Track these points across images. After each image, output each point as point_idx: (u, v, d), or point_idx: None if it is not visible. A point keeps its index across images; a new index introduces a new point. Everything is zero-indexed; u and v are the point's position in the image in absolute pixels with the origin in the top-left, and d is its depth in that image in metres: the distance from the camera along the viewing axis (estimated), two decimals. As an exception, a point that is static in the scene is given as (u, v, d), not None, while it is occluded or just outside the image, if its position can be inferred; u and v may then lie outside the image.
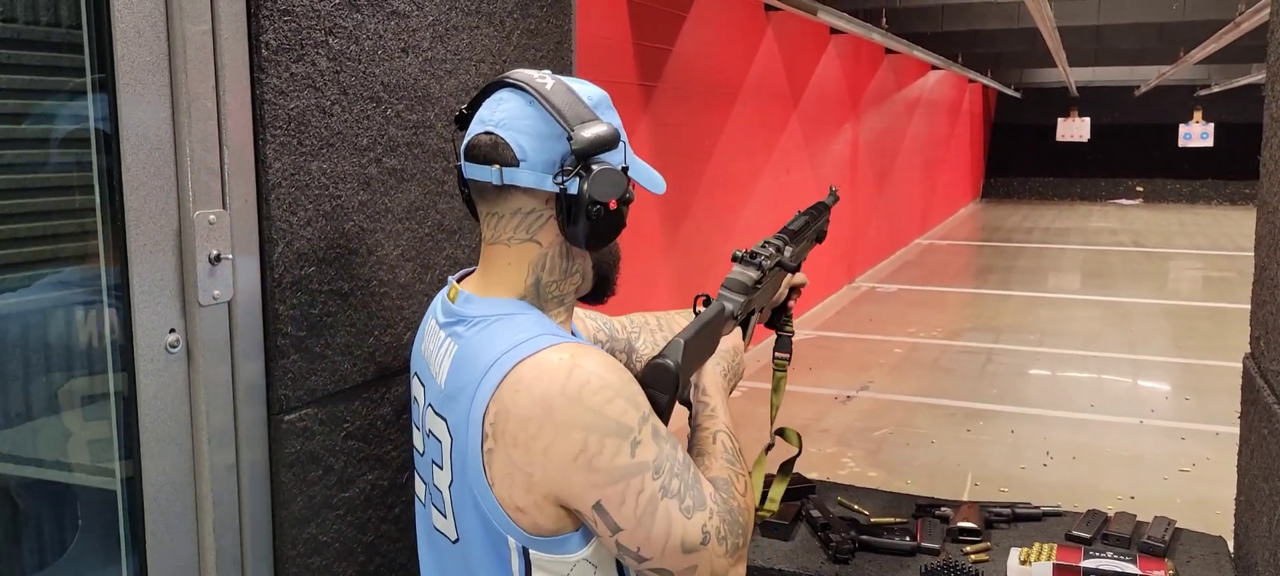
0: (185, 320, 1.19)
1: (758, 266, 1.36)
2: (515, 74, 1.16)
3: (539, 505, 1.06)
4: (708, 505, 1.09)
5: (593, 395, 1.04)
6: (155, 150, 1.14)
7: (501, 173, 1.12)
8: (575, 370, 1.05)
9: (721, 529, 1.09)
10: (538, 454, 1.04)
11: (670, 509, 1.05)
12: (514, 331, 1.10)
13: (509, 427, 1.04)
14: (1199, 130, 18.05)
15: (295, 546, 1.32)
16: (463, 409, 1.09)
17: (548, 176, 1.12)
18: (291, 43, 1.27)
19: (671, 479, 1.06)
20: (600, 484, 1.04)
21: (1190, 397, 6.35)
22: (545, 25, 1.83)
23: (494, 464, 1.06)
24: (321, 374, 1.35)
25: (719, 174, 6.48)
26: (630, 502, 1.04)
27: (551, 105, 1.12)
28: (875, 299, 9.95)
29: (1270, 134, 1.56)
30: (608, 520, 1.05)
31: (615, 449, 1.04)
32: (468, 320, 1.14)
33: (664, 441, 1.08)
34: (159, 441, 1.18)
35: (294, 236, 1.29)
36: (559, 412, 1.03)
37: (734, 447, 1.20)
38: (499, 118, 1.13)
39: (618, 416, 1.04)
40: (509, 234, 1.15)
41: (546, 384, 1.04)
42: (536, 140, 1.12)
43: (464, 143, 1.17)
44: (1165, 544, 1.68)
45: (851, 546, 1.69)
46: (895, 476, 4.93)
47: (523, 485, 1.05)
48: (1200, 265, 12.64)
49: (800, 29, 8.04)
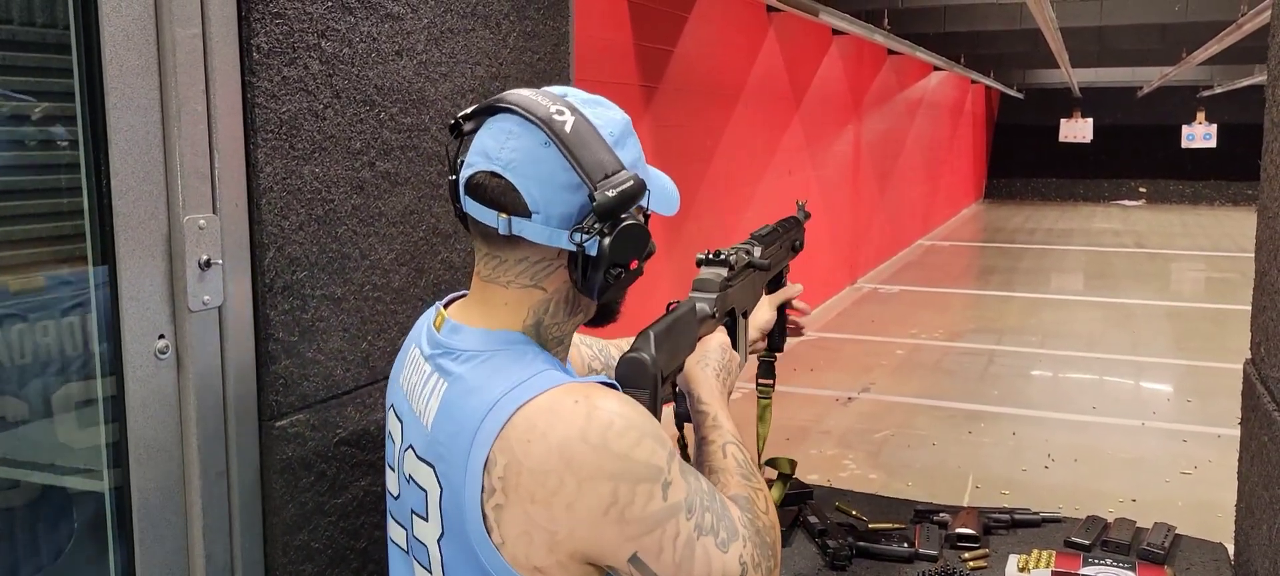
0: (175, 326, 1.18)
1: (724, 263, 1.32)
2: (525, 101, 1.03)
3: (563, 564, 0.96)
4: (739, 533, 1.02)
5: (618, 438, 0.94)
6: (144, 154, 1.14)
7: (511, 223, 1.01)
8: (595, 412, 0.95)
9: (755, 555, 1.03)
10: (561, 510, 0.94)
11: (707, 546, 0.98)
12: (513, 369, 1.00)
13: (523, 482, 0.94)
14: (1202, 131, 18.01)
15: (287, 553, 1.31)
16: (457, 458, 0.98)
17: (563, 232, 1.01)
18: (283, 46, 1.27)
19: (704, 514, 0.99)
20: (635, 536, 0.95)
21: (1192, 399, 6.34)
22: (542, 27, 1.82)
23: (504, 521, 0.95)
24: (313, 379, 1.34)
25: (721, 175, 6.47)
26: (668, 550, 0.96)
27: (569, 152, 0.99)
28: (877, 300, 9.94)
29: (1271, 138, 1.55)
30: (646, 571, 0.96)
31: (648, 495, 0.95)
32: (456, 353, 1.04)
33: (689, 474, 1.00)
34: (147, 448, 1.17)
35: (285, 241, 1.28)
36: (582, 463, 0.93)
37: (745, 458, 1.13)
38: (507, 158, 1.01)
39: (647, 459, 0.95)
40: (510, 278, 1.06)
41: (564, 430, 0.94)
42: (552, 190, 1.01)
43: (464, 175, 1.05)
44: (1165, 551, 1.66)
45: (849, 552, 1.68)
46: (896, 478, 4.91)
47: (544, 544, 0.95)
48: (1203, 266, 12.62)
49: (802, 30, 8.03)
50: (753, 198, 7.04)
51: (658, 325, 1.14)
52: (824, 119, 8.94)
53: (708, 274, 1.31)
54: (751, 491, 1.09)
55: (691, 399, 1.21)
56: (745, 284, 1.39)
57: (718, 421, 1.17)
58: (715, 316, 1.27)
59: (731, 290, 1.34)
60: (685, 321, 1.21)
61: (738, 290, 1.36)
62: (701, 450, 1.15)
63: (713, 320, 1.27)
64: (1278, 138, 1.49)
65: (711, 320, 1.27)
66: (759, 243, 1.45)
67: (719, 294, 1.29)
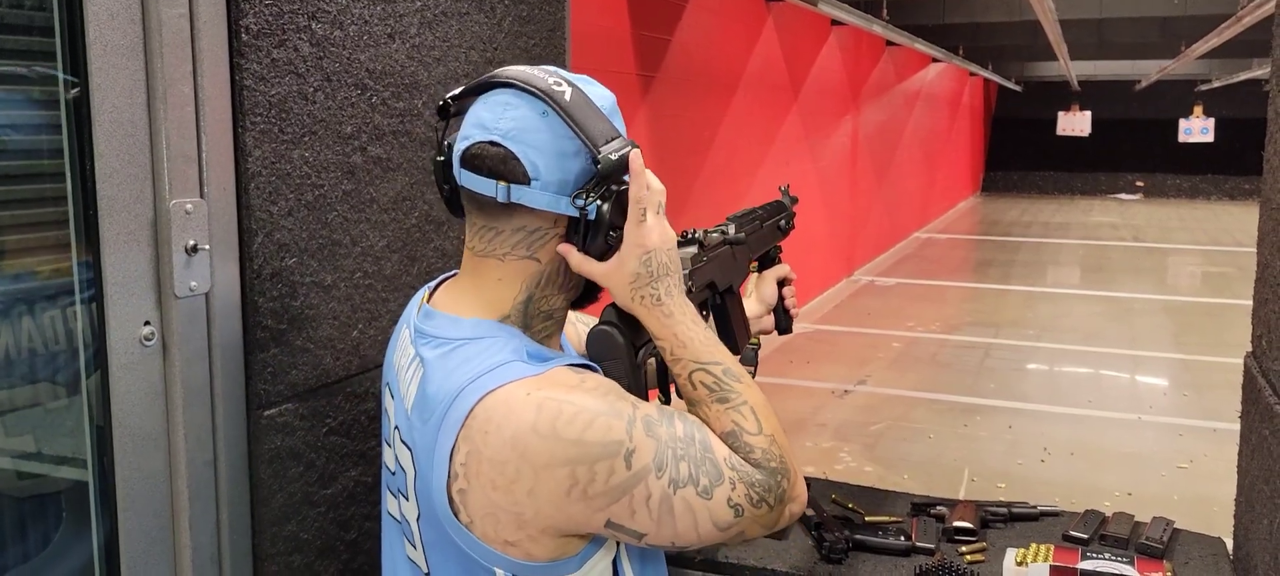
0: (161, 312, 1.16)
1: (695, 242, 1.32)
2: (520, 74, 1.05)
3: (533, 538, 0.98)
4: (724, 475, 0.99)
5: (567, 426, 0.96)
6: (129, 137, 1.11)
7: (509, 190, 1.02)
8: (544, 404, 0.97)
9: (750, 493, 1.00)
10: (523, 496, 0.96)
11: (687, 498, 0.97)
12: (479, 358, 1.01)
13: (483, 470, 0.97)
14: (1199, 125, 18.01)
15: (275, 544, 1.29)
16: (426, 442, 1.01)
17: (563, 198, 1.03)
18: (273, 27, 1.24)
19: (678, 465, 0.98)
20: (604, 506, 0.96)
21: (1188, 393, 6.33)
22: (537, 13, 1.79)
23: (469, 503, 0.98)
24: (302, 368, 1.32)
25: (718, 165, 6.44)
26: (641, 510, 0.97)
27: (572, 120, 1.02)
28: (874, 293, 9.93)
29: (1275, 130, 1.53)
30: (627, 531, 0.98)
31: (609, 470, 0.96)
32: (429, 339, 1.07)
33: (659, 425, 0.98)
34: (133, 437, 1.15)
35: (274, 227, 1.26)
36: (535, 453, 0.95)
37: (719, 377, 1.05)
38: (507, 127, 1.03)
39: (601, 438, 0.96)
40: (505, 250, 1.07)
41: (516, 424, 0.96)
42: (553, 158, 1.03)
43: (459, 147, 1.06)
44: (1163, 545, 1.65)
45: (845, 546, 1.66)
46: (892, 471, 4.90)
47: (511, 522, 0.98)
48: (1200, 260, 12.62)
49: (801, 20, 8.00)
50: (750, 188, 7.02)
51: None
52: (822, 110, 8.91)
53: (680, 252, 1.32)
54: (737, 415, 1.03)
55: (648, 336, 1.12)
56: (722, 259, 1.39)
57: (677, 340, 1.07)
58: (692, 290, 1.27)
59: (706, 265, 1.34)
60: None
61: (714, 265, 1.36)
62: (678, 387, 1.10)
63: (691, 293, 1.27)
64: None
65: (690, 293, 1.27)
66: (733, 222, 1.46)
67: (693, 269, 1.29)
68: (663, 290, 1.08)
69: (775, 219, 1.62)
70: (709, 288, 1.36)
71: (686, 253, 1.31)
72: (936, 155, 15.52)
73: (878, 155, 11.38)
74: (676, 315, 1.08)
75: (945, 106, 16.12)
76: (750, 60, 7.06)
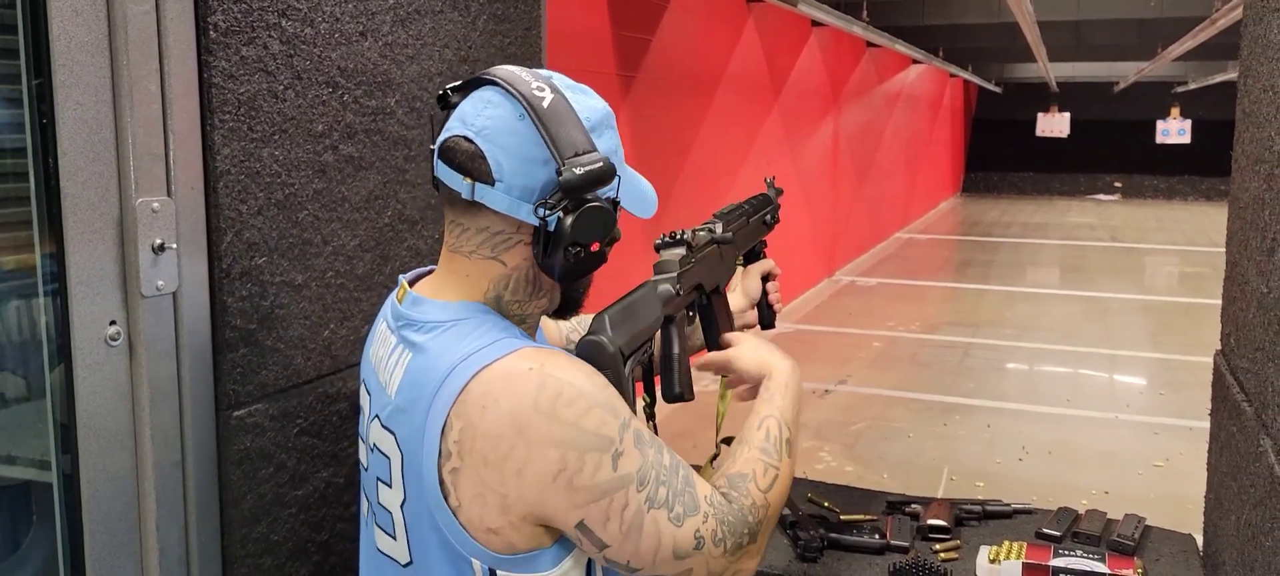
0: (127, 312, 1.15)
1: (682, 243, 1.32)
2: (509, 75, 1.06)
3: (515, 526, 0.98)
4: (701, 509, 1.02)
5: (567, 407, 0.96)
6: (94, 134, 1.10)
7: (474, 188, 1.03)
8: (547, 380, 0.96)
9: (718, 531, 1.03)
10: (511, 475, 0.96)
11: (658, 519, 0.99)
12: (470, 336, 1.02)
13: (477, 446, 0.96)
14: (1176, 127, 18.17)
15: (245, 546, 1.28)
16: (416, 423, 1.00)
17: (525, 204, 1.03)
18: (241, 25, 1.23)
19: (658, 487, 0.99)
20: (582, 503, 0.97)
21: (1165, 392, 6.39)
22: (513, 11, 1.79)
23: (460, 484, 0.98)
24: (272, 368, 1.31)
25: (699, 166, 6.44)
26: (615, 520, 0.97)
27: (544, 126, 1.01)
28: (855, 293, 9.96)
29: (1242, 130, 1.55)
30: (593, 537, 0.98)
31: (596, 464, 0.96)
32: (417, 324, 1.06)
33: (648, 446, 1.01)
34: (98, 437, 1.13)
35: (244, 225, 1.25)
36: (532, 429, 0.95)
37: (779, 435, 1.16)
38: (481, 125, 1.03)
39: (596, 428, 0.97)
40: (471, 248, 1.07)
41: (516, 398, 0.96)
42: (519, 162, 1.02)
43: (440, 138, 1.07)
44: (1135, 542, 1.66)
45: (820, 544, 1.67)
46: (871, 471, 4.92)
47: (496, 506, 0.97)
48: (1177, 261, 12.73)
49: (781, 21, 8.02)
50: (731, 188, 7.03)
51: (613, 307, 1.14)
52: (803, 111, 8.93)
53: (667, 256, 1.32)
54: (758, 466, 1.11)
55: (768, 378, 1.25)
56: (710, 260, 1.39)
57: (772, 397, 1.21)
58: (680, 294, 1.27)
59: (694, 267, 1.34)
60: (642, 301, 1.20)
61: (701, 266, 1.36)
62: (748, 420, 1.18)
63: (678, 298, 1.27)
64: (1249, 129, 1.49)
65: (676, 299, 1.27)
66: (720, 219, 1.45)
67: (680, 272, 1.29)
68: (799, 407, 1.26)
69: (761, 213, 1.62)
70: (696, 289, 1.35)
71: (674, 254, 1.31)
72: (917, 156, 15.59)
73: (859, 156, 11.42)
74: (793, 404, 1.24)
75: (926, 107, 16.20)
76: (731, 61, 7.07)
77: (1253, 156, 1.45)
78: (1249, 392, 1.39)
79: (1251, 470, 1.32)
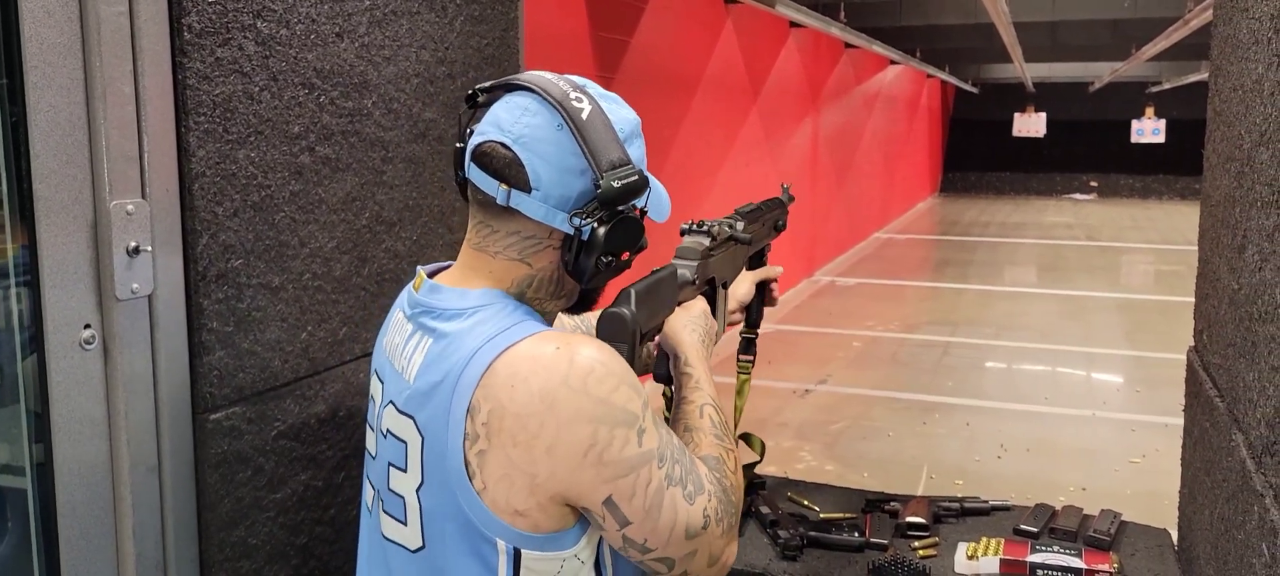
0: (101, 315, 1.14)
1: (707, 233, 1.34)
2: (545, 83, 1.07)
3: (542, 506, 1.00)
4: (706, 488, 1.06)
5: (598, 384, 0.98)
6: (67, 137, 1.09)
7: (510, 194, 1.04)
8: (576, 359, 0.99)
9: (718, 510, 1.06)
10: (541, 453, 0.98)
11: (675, 497, 1.02)
12: (493, 320, 1.03)
13: (505, 426, 0.98)
14: (1150, 126, 18.37)
15: (222, 550, 1.27)
16: (439, 406, 1.01)
17: (561, 213, 1.05)
18: (216, 26, 1.22)
19: (674, 465, 1.03)
20: (611, 477, 0.99)
21: (1141, 389, 6.45)
22: (490, 12, 1.79)
23: (486, 466, 0.99)
24: (249, 371, 1.30)
25: (679, 168, 6.45)
26: (640, 495, 1.00)
27: (583, 138, 1.03)
28: (835, 293, 10.00)
29: (1213, 129, 1.57)
30: (617, 514, 1.00)
31: (624, 439, 0.99)
32: (436, 311, 1.08)
33: (662, 427, 1.05)
34: (73, 441, 1.12)
35: (220, 227, 1.24)
36: (563, 406, 0.97)
37: (722, 420, 1.17)
38: (520, 132, 1.04)
39: (624, 404, 0.99)
40: (498, 249, 1.09)
41: (545, 377, 0.98)
42: (557, 172, 1.04)
43: (473, 142, 1.08)
44: (1110, 537, 1.68)
45: (800, 542, 1.67)
46: (852, 470, 4.94)
47: (525, 487, 0.99)
48: (1152, 259, 12.86)
49: (760, 22, 8.04)
50: (711, 189, 7.05)
51: (639, 284, 1.16)
52: (782, 111, 8.96)
53: (690, 242, 1.33)
54: (722, 452, 1.13)
55: (675, 359, 1.24)
56: (726, 255, 1.42)
57: (699, 383, 1.20)
58: (695, 283, 1.29)
59: (712, 260, 1.36)
60: (666, 283, 1.23)
61: (718, 260, 1.38)
62: (680, 409, 1.19)
63: (693, 287, 1.29)
64: (1219, 128, 1.51)
65: (692, 287, 1.29)
66: (742, 218, 1.47)
67: (700, 262, 1.31)
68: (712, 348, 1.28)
69: (774, 216, 1.65)
70: (709, 282, 1.37)
71: (698, 243, 1.32)
72: (896, 156, 15.67)
73: (838, 156, 11.47)
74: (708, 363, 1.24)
75: (904, 108, 16.28)
76: (710, 62, 7.09)
77: (1223, 155, 1.46)
78: (1221, 388, 1.41)
79: (1224, 464, 1.33)
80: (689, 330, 1.26)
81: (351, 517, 1.47)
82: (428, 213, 1.63)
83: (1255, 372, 1.18)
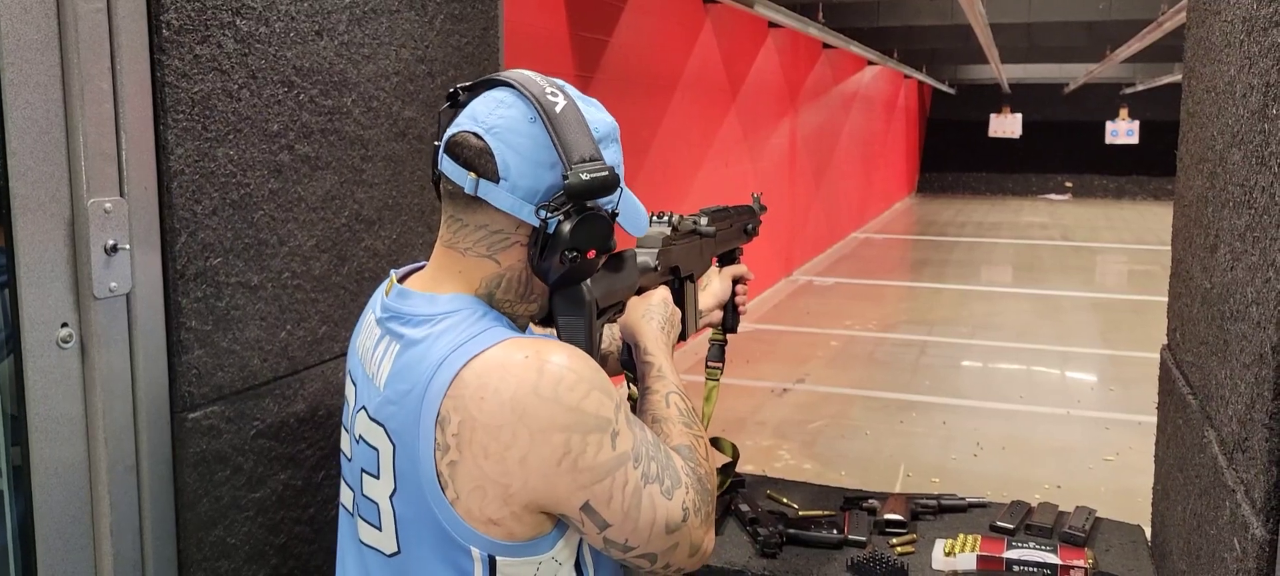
0: (79, 314, 1.13)
1: (668, 223, 1.36)
2: (523, 78, 1.07)
3: (517, 515, 0.99)
4: (683, 480, 1.06)
5: (569, 392, 0.98)
6: (44, 134, 1.08)
7: (477, 183, 1.04)
8: (545, 367, 0.98)
9: (696, 501, 1.06)
10: (514, 464, 0.97)
11: (653, 494, 1.02)
12: (461, 327, 1.03)
13: (476, 438, 0.97)
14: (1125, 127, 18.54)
15: (201, 549, 1.27)
16: (408, 415, 1.00)
17: (529, 205, 1.04)
18: (195, 23, 1.22)
19: (650, 463, 1.03)
20: (587, 484, 0.98)
21: (1115, 388, 6.52)
22: (470, 10, 1.78)
23: (458, 476, 0.98)
24: (228, 370, 1.29)
25: (657, 167, 6.46)
26: (618, 497, 1.00)
27: (555, 132, 1.03)
28: (812, 292, 10.04)
29: (1186, 130, 1.59)
30: (596, 519, 1.00)
31: (598, 445, 0.98)
32: (405, 317, 1.07)
33: (635, 425, 1.04)
34: (49, 439, 1.12)
35: (198, 226, 1.24)
36: (534, 415, 0.96)
37: (688, 408, 1.17)
38: (492, 123, 1.04)
39: (596, 410, 0.99)
40: (467, 245, 1.08)
41: (515, 386, 0.97)
42: (526, 164, 1.04)
43: (448, 132, 1.08)
44: (1085, 533, 1.70)
45: (779, 540, 1.68)
46: (830, 468, 4.97)
47: (498, 497, 0.98)
48: (1126, 259, 12.99)
49: (738, 22, 8.06)
50: (690, 189, 7.05)
51: None
52: (760, 111, 8.99)
53: (652, 230, 1.35)
54: (692, 439, 1.13)
55: (636, 349, 1.24)
56: (690, 247, 1.44)
57: (662, 371, 1.20)
58: (657, 270, 1.30)
59: (674, 249, 1.37)
60: (625, 260, 1.23)
61: (681, 250, 1.40)
62: (645, 399, 1.18)
63: (655, 272, 1.29)
64: (1192, 129, 1.53)
65: (654, 272, 1.29)
66: (707, 215, 1.49)
67: (662, 249, 1.32)
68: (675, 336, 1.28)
69: (742, 220, 1.67)
70: (672, 271, 1.38)
71: (659, 231, 1.34)
72: (873, 156, 15.75)
73: (816, 156, 11.51)
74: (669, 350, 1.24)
75: (881, 108, 16.37)
76: (689, 62, 7.10)
77: (1196, 155, 1.49)
78: (1194, 386, 1.43)
79: (1196, 461, 1.35)
80: (647, 318, 1.26)
81: (330, 517, 1.47)
82: (407, 211, 1.63)
83: (1227, 370, 1.20)
